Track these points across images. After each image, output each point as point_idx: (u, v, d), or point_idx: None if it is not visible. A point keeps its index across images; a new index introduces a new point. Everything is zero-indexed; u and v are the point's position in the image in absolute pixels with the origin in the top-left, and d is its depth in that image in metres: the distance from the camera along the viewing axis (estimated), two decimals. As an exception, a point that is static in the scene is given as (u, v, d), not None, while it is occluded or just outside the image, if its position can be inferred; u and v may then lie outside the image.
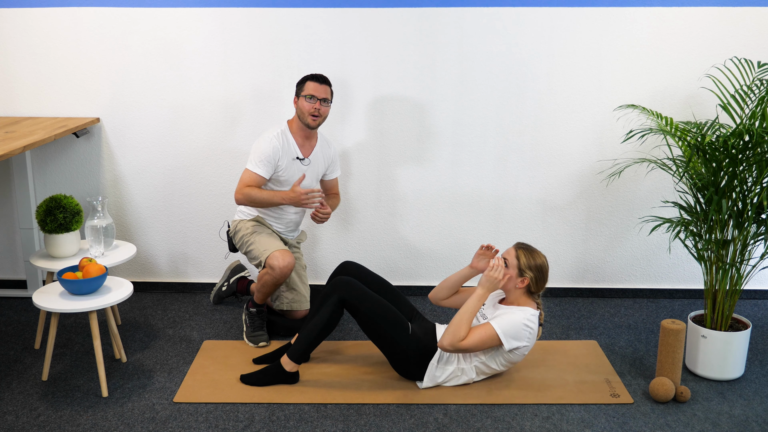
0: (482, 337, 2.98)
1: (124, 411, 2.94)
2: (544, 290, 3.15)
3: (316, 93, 3.42)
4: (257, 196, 3.43)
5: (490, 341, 2.99)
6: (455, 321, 3.00)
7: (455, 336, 2.97)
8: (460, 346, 2.97)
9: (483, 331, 2.99)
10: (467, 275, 3.30)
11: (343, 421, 2.89)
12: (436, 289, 3.38)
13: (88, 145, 4.02)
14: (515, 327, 3.00)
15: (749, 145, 3.00)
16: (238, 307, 3.97)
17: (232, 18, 3.83)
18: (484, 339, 2.99)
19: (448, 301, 3.36)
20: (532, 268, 3.07)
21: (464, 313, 3.01)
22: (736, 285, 3.18)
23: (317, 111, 3.43)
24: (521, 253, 3.09)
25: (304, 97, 3.43)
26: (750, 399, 3.09)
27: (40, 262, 3.39)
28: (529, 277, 3.07)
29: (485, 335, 2.98)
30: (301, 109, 3.45)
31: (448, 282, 3.34)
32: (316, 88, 3.42)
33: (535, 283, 3.08)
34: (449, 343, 2.98)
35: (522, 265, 3.07)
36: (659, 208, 4.03)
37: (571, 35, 3.83)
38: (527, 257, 3.08)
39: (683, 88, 3.89)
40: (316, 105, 3.42)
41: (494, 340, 2.99)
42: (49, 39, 3.86)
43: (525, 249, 3.11)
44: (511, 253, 3.10)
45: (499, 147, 3.99)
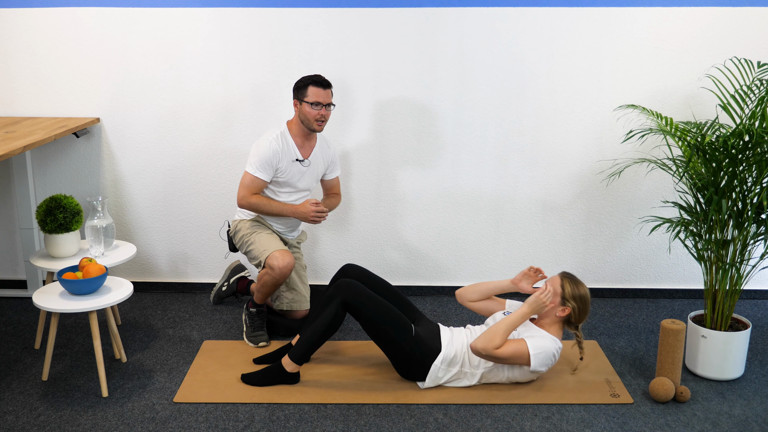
0: (515, 352, 2.99)
1: (124, 411, 2.94)
2: (584, 321, 3.17)
3: (322, 99, 3.40)
4: (265, 207, 3.46)
5: (520, 358, 3.01)
6: (493, 329, 3.00)
7: (491, 342, 2.97)
8: (492, 353, 2.97)
9: (517, 346, 3.00)
10: (505, 288, 3.31)
11: (343, 421, 2.89)
12: (467, 289, 3.37)
13: (88, 145, 4.02)
14: (546, 354, 3.03)
15: (749, 145, 3.00)
16: (238, 307, 3.97)
17: (232, 18, 3.83)
18: (516, 354, 3.00)
19: (475, 304, 3.36)
20: (576, 298, 3.08)
21: (505, 324, 3.01)
22: (736, 285, 3.18)
23: (323, 117, 3.43)
24: (566, 282, 3.10)
25: (309, 104, 3.41)
26: (750, 399, 3.09)
27: (40, 262, 3.39)
28: (571, 307, 3.08)
29: (518, 351, 3.00)
30: (305, 115, 3.43)
31: (483, 287, 3.34)
32: (320, 95, 3.39)
33: (578, 314, 3.10)
34: (482, 347, 2.98)
35: (566, 295, 3.08)
36: (659, 208, 4.03)
37: (571, 35, 3.84)
38: (572, 287, 3.09)
39: (683, 88, 3.89)
40: (322, 111, 3.42)
41: (524, 358, 3.01)
42: (49, 39, 3.87)
43: (570, 279, 3.12)
44: (556, 282, 3.11)
45: (499, 147, 3.99)
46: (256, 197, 3.46)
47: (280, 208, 3.49)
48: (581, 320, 3.13)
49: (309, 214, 3.45)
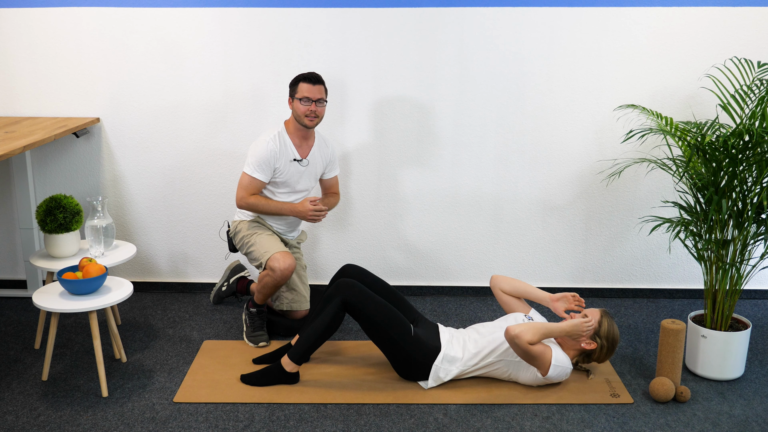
0: (540, 354, 3.00)
1: (124, 411, 2.94)
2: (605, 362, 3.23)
3: (311, 94, 3.41)
4: (264, 207, 3.47)
5: (540, 361, 3.02)
6: (536, 325, 2.99)
7: (527, 333, 2.95)
8: (524, 342, 2.94)
9: (544, 350, 3.02)
10: (540, 298, 3.34)
11: (343, 421, 2.89)
12: (505, 279, 3.39)
13: (88, 145, 4.02)
14: (563, 370, 3.06)
15: (749, 145, 3.00)
16: (238, 307, 3.97)
17: (232, 18, 3.83)
18: (539, 356, 3.00)
19: (504, 296, 3.38)
20: (608, 338, 3.11)
21: (545, 327, 3.01)
22: (736, 285, 3.18)
23: (313, 113, 3.43)
24: (605, 319, 3.13)
25: (299, 100, 3.42)
26: (750, 399, 3.09)
27: (40, 262, 3.39)
28: (599, 344, 3.11)
29: (543, 354, 3.01)
30: (296, 112, 3.45)
31: (520, 285, 3.37)
32: (309, 90, 3.41)
33: (603, 353, 3.13)
34: (520, 332, 2.94)
35: (601, 332, 3.11)
36: (659, 208, 4.03)
37: (571, 35, 3.83)
38: (609, 327, 3.12)
39: (683, 88, 3.89)
40: (312, 107, 3.42)
41: (545, 364, 3.02)
42: (49, 39, 3.87)
43: (609, 318, 3.15)
44: (596, 316, 3.14)
45: (499, 147, 3.99)
46: (255, 197, 3.46)
47: (279, 207, 3.49)
48: (602, 360, 3.17)
49: (307, 213, 3.45)
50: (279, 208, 3.49)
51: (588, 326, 3.07)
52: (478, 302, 4.11)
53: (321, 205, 3.48)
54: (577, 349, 3.15)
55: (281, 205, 3.49)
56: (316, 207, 3.45)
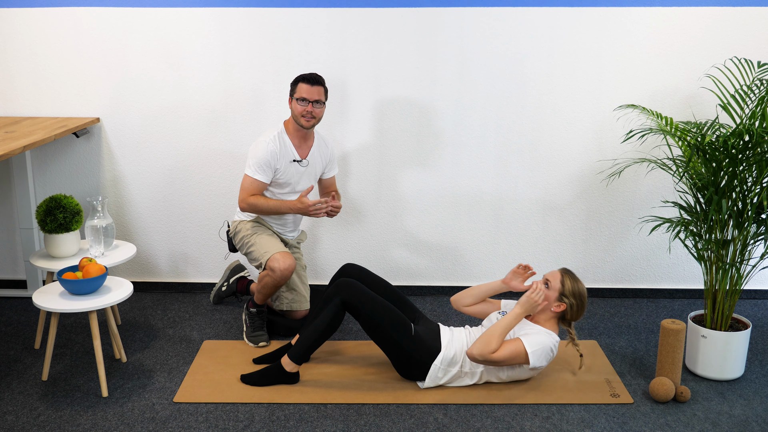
0: (512, 353, 2.99)
1: (124, 411, 2.94)
2: (579, 319, 3.16)
3: (308, 95, 3.40)
4: (263, 206, 3.46)
5: (518, 358, 3.01)
6: (488, 333, 3.00)
7: (486, 347, 2.97)
8: (489, 357, 2.97)
9: (513, 346, 3.00)
10: (497, 289, 3.32)
11: (343, 421, 2.89)
12: (462, 294, 3.38)
13: (88, 145, 4.02)
14: (544, 349, 3.03)
15: (749, 145, 3.00)
16: (238, 307, 3.97)
17: (232, 18, 3.83)
18: (514, 354, 2.99)
19: (470, 308, 3.36)
20: (575, 295, 3.08)
21: (499, 327, 3.01)
22: (736, 285, 3.18)
23: (310, 113, 3.42)
24: (567, 278, 3.10)
25: (297, 100, 3.41)
26: (750, 399, 3.09)
27: (40, 262, 3.39)
28: (568, 303, 3.08)
29: (515, 351, 3.00)
30: (294, 111, 3.45)
31: (476, 291, 3.35)
32: (308, 91, 3.40)
33: (574, 311, 3.10)
34: (479, 353, 2.98)
35: (565, 291, 3.08)
36: (659, 208, 4.03)
37: (571, 35, 3.83)
38: (572, 283, 3.09)
39: (683, 88, 3.89)
40: (308, 108, 3.41)
41: (522, 357, 3.01)
42: (49, 39, 3.86)
43: (570, 275, 3.12)
44: (556, 277, 3.11)
45: (499, 147, 3.99)
46: (255, 197, 3.45)
47: (278, 205, 3.46)
48: (576, 318, 3.13)
49: (308, 209, 3.41)
50: (278, 206, 3.47)
51: (537, 294, 3.03)
52: (478, 302, 4.11)
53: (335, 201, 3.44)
54: (551, 317, 3.11)
55: (281, 203, 3.47)
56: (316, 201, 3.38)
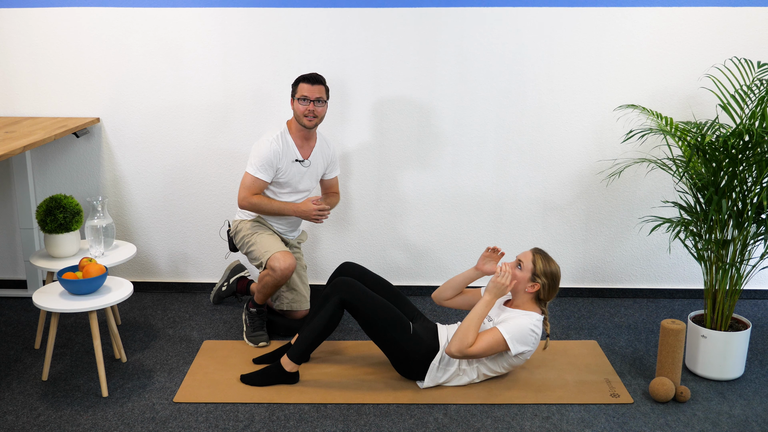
0: (490, 343, 2.98)
1: (124, 411, 2.94)
2: (552, 298, 3.14)
3: (309, 94, 3.41)
4: (266, 207, 3.47)
5: (498, 346, 2.99)
6: (463, 327, 2.99)
7: (463, 342, 2.96)
8: (468, 352, 2.97)
9: (491, 336, 2.99)
10: (472, 277, 3.30)
11: (343, 421, 2.89)
12: (440, 289, 3.37)
13: (88, 145, 4.02)
14: (522, 332, 3.00)
15: (749, 145, 3.00)
16: (238, 307, 3.97)
17: (232, 18, 3.83)
18: (492, 344, 2.98)
19: (451, 301, 3.36)
20: (546, 274, 3.06)
21: (471, 319, 3.00)
22: (736, 285, 3.18)
23: (311, 112, 3.43)
24: (538, 258, 3.08)
25: (298, 99, 3.42)
26: (750, 399, 3.09)
27: (40, 262, 3.39)
28: (540, 283, 3.06)
29: (493, 340, 2.98)
30: (296, 111, 3.45)
31: (452, 282, 3.34)
32: (308, 90, 3.41)
33: (546, 290, 3.08)
34: (457, 350, 2.97)
35: (537, 270, 3.06)
36: (659, 208, 4.03)
37: (571, 35, 3.84)
38: (544, 263, 3.07)
39: (683, 88, 3.89)
40: (310, 107, 3.42)
41: (501, 345, 2.99)
42: (49, 39, 3.86)
43: (542, 255, 3.10)
44: (528, 257, 3.09)
45: (499, 147, 3.99)
46: (257, 197, 3.46)
47: (281, 207, 3.49)
48: (550, 297, 3.11)
49: (311, 213, 3.46)
50: (281, 208, 3.49)
51: (503, 276, 3.00)
52: (478, 302, 4.11)
53: (324, 205, 3.48)
54: (529, 298, 3.09)
55: (283, 206, 3.49)
56: (320, 207, 3.46)
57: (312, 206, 3.46)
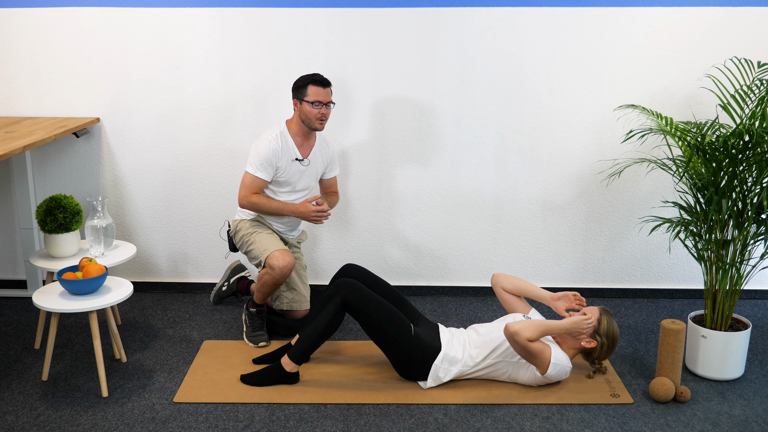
0: (539, 352, 2.99)
1: (124, 411, 2.94)
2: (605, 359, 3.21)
3: (324, 98, 3.40)
4: (266, 207, 3.47)
5: (539, 359, 3.01)
6: (535, 323, 2.99)
7: (526, 331, 2.94)
8: (522, 339, 2.94)
9: (543, 347, 3.01)
10: (542, 297, 3.32)
11: (343, 421, 2.89)
12: (507, 277, 3.38)
13: (88, 145, 4.02)
14: (562, 368, 3.06)
15: (749, 145, 3.00)
16: (238, 307, 3.97)
17: (232, 18, 3.83)
18: (539, 354, 3.00)
19: (505, 294, 3.37)
20: (608, 336, 3.11)
21: (545, 325, 3.01)
22: (736, 285, 3.18)
23: (324, 116, 3.43)
24: (605, 317, 3.13)
25: (309, 103, 3.41)
26: (750, 399, 3.09)
27: (40, 262, 3.39)
28: (599, 342, 3.10)
29: (542, 352, 3.00)
30: (306, 115, 3.43)
31: (521, 284, 3.36)
32: (321, 93, 3.40)
33: (603, 350, 3.13)
34: (517, 331, 2.93)
35: (600, 330, 3.11)
36: (659, 208, 4.03)
37: (571, 35, 3.83)
38: (608, 325, 3.11)
39: (683, 88, 3.89)
40: (323, 110, 3.42)
41: (544, 362, 3.01)
42: (49, 39, 3.86)
43: (609, 315, 3.14)
44: (595, 314, 3.13)
45: (499, 147, 3.99)
46: (257, 197, 3.47)
47: (280, 207, 3.49)
48: (602, 357, 3.17)
49: (310, 214, 3.46)
50: (280, 208, 3.49)
51: (588, 323, 3.07)
52: (478, 302, 4.11)
53: (325, 206, 3.48)
54: (577, 348, 3.14)
55: (283, 206, 3.49)
56: (319, 208, 3.45)
57: (311, 207, 3.45)
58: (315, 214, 3.46)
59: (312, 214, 3.46)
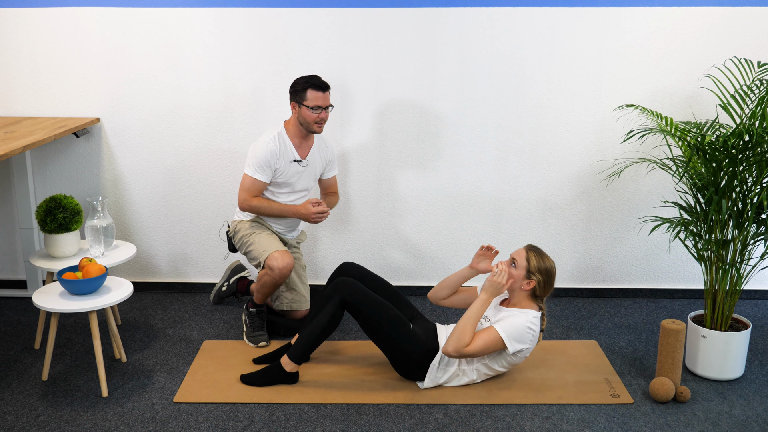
0: (486, 342, 2.98)
1: (124, 411, 2.94)
2: (549, 294, 3.14)
3: (321, 103, 3.40)
4: (266, 209, 3.48)
5: (495, 345, 2.99)
6: (459, 327, 2.98)
7: (459, 342, 2.96)
8: (464, 351, 2.96)
9: (487, 335, 2.99)
10: (467, 275, 3.30)
11: (343, 421, 2.89)
12: (436, 288, 3.37)
13: (88, 145, 4.02)
14: (519, 330, 2.99)
15: (749, 145, 3.00)
16: (238, 307, 3.97)
17: (232, 18, 3.83)
18: (489, 343, 2.98)
19: (447, 300, 3.36)
20: (541, 271, 3.05)
21: (468, 318, 3.00)
22: (736, 285, 3.18)
23: (323, 120, 3.43)
24: (532, 255, 3.07)
25: (308, 108, 3.40)
26: (750, 399, 3.09)
27: (40, 262, 3.39)
28: (536, 280, 3.06)
29: (489, 339, 2.98)
30: (304, 118, 3.43)
31: (448, 282, 3.34)
32: (320, 98, 3.39)
33: (543, 287, 3.07)
34: (454, 349, 2.97)
35: (531, 267, 3.05)
36: (659, 208, 4.03)
37: (571, 35, 3.83)
38: (537, 260, 3.06)
39: (683, 88, 3.89)
40: (322, 114, 3.42)
41: (498, 344, 2.99)
42: (49, 39, 3.86)
43: (535, 251, 3.09)
44: (521, 254, 3.08)
45: (499, 147, 3.99)
46: (257, 199, 3.47)
47: (282, 209, 3.50)
48: (546, 293, 3.11)
49: (310, 215, 3.47)
50: (281, 211, 3.50)
51: (500, 275, 2.99)
52: (478, 302, 4.11)
53: (324, 206, 3.48)
54: (525, 296, 3.08)
55: (283, 208, 3.50)
56: (319, 209, 3.46)
57: (311, 209, 3.46)
58: (315, 215, 3.46)
59: (313, 216, 3.47)
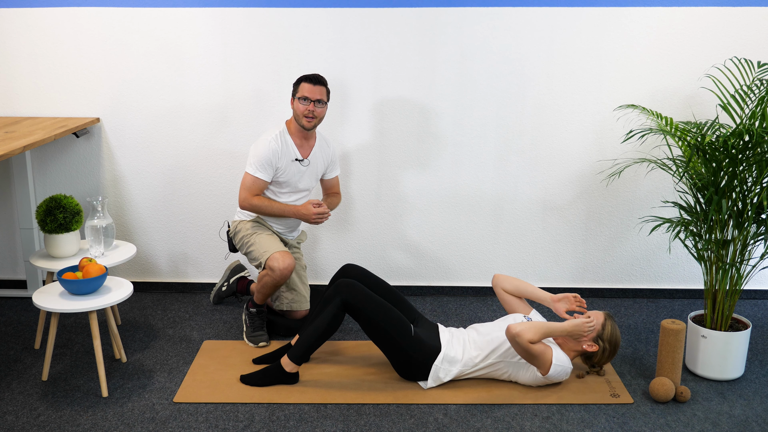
0: (541, 353, 3.00)
1: (124, 411, 2.94)
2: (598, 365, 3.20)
3: (310, 95, 3.41)
4: (266, 209, 3.48)
5: (541, 360, 3.01)
6: (537, 324, 2.99)
7: (528, 332, 2.94)
8: (524, 341, 2.94)
9: (545, 349, 3.02)
10: (541, 298, 3.33)
11: (343, 421, 2.89)
12: (507, 278, 3.38)
13: (88, 145, 4.02)
14: (563, 369, 3.06)
15: (749, 145, 3.00)
16: (238, 307, 3.97)
17: (232, 18, 3.83)
18: (540, 355, 3.00)
19: (505, 295, 3.38)
20: (611, 342, 3.11)
21: (546, 326, 3.01)
22: (736, 285, 3.18)
23: (311, 113, 3.43)
24: (609, 323, 3.12)
25: (298, 99, 3.43)
26: (750, 399, 3.09)
27: (40, 262, 3.39)
28: (601, 347, 3.10)
29: (544, 354, 3.01)
30: (295, 111, 3.46)
31: (522, 285, 3.36)
32: (310, 90, 3.41)
33: (604, 356, 3.13)
34: (518, 332, 2.94)
35: (604, 335, 3.10)
36: (659, 208, 4.03)
37: (571, 35, 3.83)
38: (612, 330, 3.11)
39: (683, 88, 3.89)
40: (310, 107, 3.42)
41: (546, 363, 3.02)
42: (49, 39, 3.87)
43: (613, 321, 3.14)
44: (599, 318, 3.13)
45: (499, 147, 3.99)
46: (258, 198, 3.47)
47: (282, 209, 3.50)
48: (602, 362, 3.17)
49: (311, 216, 3.47)
50: (282, 210, 3.50)
51: (590, 326, 3.07)
52: (478, 302, 4.11)
53: (324, 207, 3.48)
54: (578, 351, 3.14)
55: (284, 208, 3.50)
56: (319, 210, 3.46)
57: (312, 209, 3.47)
58: (316, 216, 3.46)
59: (313, 216, 3.47)
